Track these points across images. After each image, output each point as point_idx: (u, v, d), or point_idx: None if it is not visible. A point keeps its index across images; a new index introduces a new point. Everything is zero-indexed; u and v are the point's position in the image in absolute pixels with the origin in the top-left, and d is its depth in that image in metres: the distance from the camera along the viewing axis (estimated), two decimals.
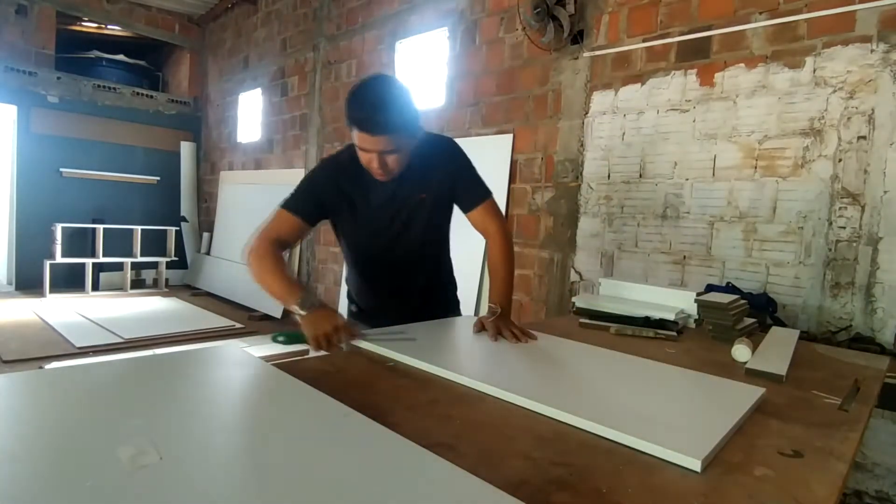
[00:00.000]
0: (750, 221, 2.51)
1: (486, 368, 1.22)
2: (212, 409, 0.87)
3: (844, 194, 2.24)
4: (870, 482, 2.12)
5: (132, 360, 1.12)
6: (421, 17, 4.27)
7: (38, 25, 6.36)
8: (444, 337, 1.50)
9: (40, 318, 4.91)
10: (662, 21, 2.81)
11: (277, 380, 0.99)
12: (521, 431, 0.85)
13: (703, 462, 0.74)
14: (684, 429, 0.85)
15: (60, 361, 3.58)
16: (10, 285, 6.33)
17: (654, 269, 2.84)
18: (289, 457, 0.69)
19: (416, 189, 1.49)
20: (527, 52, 3.44)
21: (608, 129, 3.04)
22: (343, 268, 4.88)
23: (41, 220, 6.23)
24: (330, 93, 5.24)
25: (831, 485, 0.73)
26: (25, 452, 0.66)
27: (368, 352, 1.25)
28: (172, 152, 7.46)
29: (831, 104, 2.27)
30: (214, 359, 1.15)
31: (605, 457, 0.77)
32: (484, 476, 0.64)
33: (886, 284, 2.15)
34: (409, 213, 1.51)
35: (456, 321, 1.67)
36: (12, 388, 0.89)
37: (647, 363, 1.24)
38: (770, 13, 2.43)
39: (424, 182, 1.49)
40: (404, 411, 0.90)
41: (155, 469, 0.62)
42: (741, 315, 1.69)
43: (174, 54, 7.95)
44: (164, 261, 6.92)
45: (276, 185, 5.97)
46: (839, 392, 1.14)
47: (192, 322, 5.05)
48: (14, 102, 6.19)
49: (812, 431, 0.91)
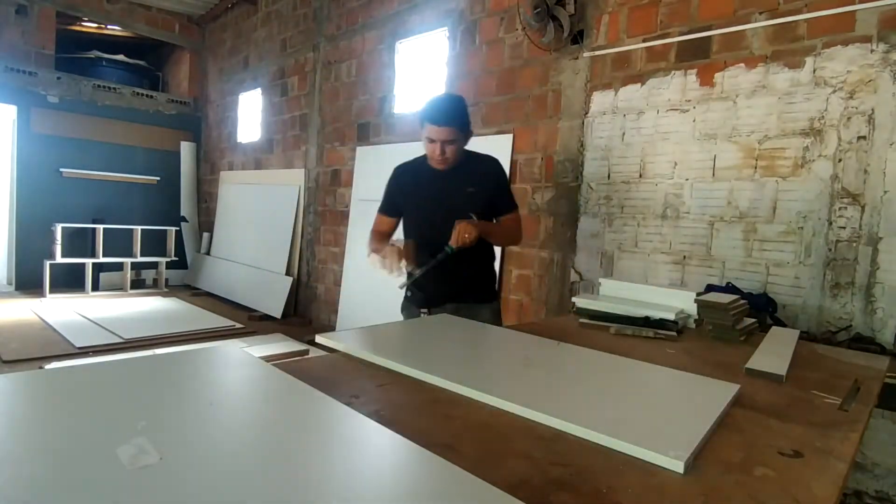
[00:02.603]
0: (750, 221, 2.51)
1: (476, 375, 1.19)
2: (212, 409, 0.87)
3: (844, 194, 2.24)
4: (870, 482, 2.12)
5: (132, 360, 1.12)
6: (421, 17, 4.27)
7: (38, 25, 6.36)
8: (435, 339, 1.49)
9: (40, 318, 4.91)
10: (662, 21, 2.81)
11: (277, 380, 0.99)
12: (520, 432, 0.85)
13: (685, 464, 0.74)
14: (666, 431, 0.85)
15: (60, 361, 3.58)
16: (10, 285, 6.33)
17: (654, 269, 2.84)
18: (288, 456, 0.69)
19: (465, 183, 1.93)
20: (527, 52, 3.44)
21: (608, 129, 3.04)
22: (343, 267, 4.88)
23: (41, 220, 6.22)
24: (330, 93, 5.24)
25: (831, 485, 0.73)
26: (25, 452, 0.66)
27: (363, 360, 1.24)
28: (172, 152, 7.46)
29: (831, 104, 2.27)
30: (214, 359, 1.15)
31: (605, 457, 0.77)
32: (484, 476, 0.64)
33: (886, 284, 2.15)
34: (456, 201, 1.91)
35: (453, 320, 1.67)
36: (12, 388, 0.89)
37: (631, 363, 1.24)
38: (770, 13, 2.43)
39: (472, 179, 1.94)
40: (405, 411, 0.90)
41: (155, 469, 0.62)
42: (741, 315, 1.69)
43: (174, 54, 7.95)
44: (164, 261, 6.92)
45: (276, 185, 5.97)
46: (839, 392, 1.14)
47: (192, 322, 5.05)
48: (14, 102, 6.19)
49: (812, 431, 0.91)
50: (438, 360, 1.19)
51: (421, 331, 1.53)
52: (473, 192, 1.93)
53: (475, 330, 1.56)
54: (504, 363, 1.26)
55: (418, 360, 1.16)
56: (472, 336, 1.50)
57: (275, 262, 5.73)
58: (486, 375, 1.13)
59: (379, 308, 4.35)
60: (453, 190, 1.94)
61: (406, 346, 1.37)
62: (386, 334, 1.48)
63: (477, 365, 1.27)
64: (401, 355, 1.19)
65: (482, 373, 1.16)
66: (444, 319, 1.68)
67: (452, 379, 1.04)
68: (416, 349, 1.35)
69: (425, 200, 1.99)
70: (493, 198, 1.98)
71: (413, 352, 1.31)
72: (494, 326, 1.67)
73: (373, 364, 1.16)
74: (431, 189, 1.97)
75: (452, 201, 1.92)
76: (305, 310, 5.48)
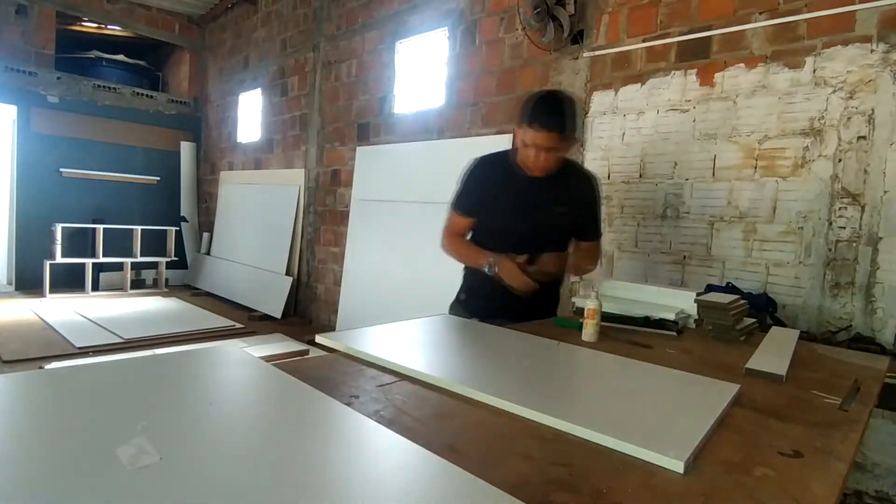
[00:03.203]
0: (750, 221, 2.51)
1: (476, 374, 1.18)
2: (212, 409, 0.87)
3: (844, 194, 2.24)
4: (870, 482, 2.12)
5: (132, 360, 1.12)
6: (421, 17, 4.27)
7: (38, 25, 6.35)
8: (435, 339, 1.49)
9: (40, 318, 4.91)
10: (662, 21, 2.81)
11: (277, 380, 0.99)
12: (520, 432, 0.85)
13: (685, 464, 0.74)
14: (666, 431, 0.86)
15: (60, 361, 3.58)
16: (10, 285, 6.33)
17: (654, 269, 2.84)
18: (288, 457, 0.69)
19: (557, 200, 1.72)
20: (527, 52, 3.44)
21: (608, 129, 3.03)
22: (343, 267, 4.89)
23: (41, 220, 6.22)
24: (330, 93, 5.24)
25: (831, 485, 0.73)
26: (25, 452, 0.66)
27: (363, 359, 1.24)
28: (172, 152, 7.46)
29: (831, 104, 2.27)
30: (214, 359, 1.15)
31: (605, 457, 0.77)
32: (484, 476, 0.64)
33: (886, 284, 2.15)
34: (543, 219, 1.72)
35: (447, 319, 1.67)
36: (12, 388, 0.89)
37: (630, 363, 1.25)
38: (770, 13, 2.43)
39: (565, 198, 1.73)
40: (405, 411, 0.90)
41: (155, 469, 0.62)
42: (741, 315, 1.69)
43: (174, 54, 7.94)
44: (164, 261, 6.92)
45: (276, 186, 5.97)
46: (839, 392, 1.14)
47: (192, 322, 5.05)
48: (14, 102, 6.19)
49: (812, 431, 0.91)
50: (439, 361, 1.19)
51: (421, 331, 1.53)
52: (563, 214, 1.73)
53: (475, 330, 1.56)
54: (504, 363, 1.26)
55: (418, 360, 1.16)
56: (472, 336, 1.50)
57: (275, 262, 5.73)
58: (486, 375, 1.13)
59: (379, 308, 4.35)
60: (543, 204, 1.72)
61: (406, 346, 1.37)
62: (386, 334, 1.48)
63: (477, 365, 1.27)
64: (401, 355, 1.19)
65: (482, 373, 1.16)
66: (445, 320, 1.68)
67: (453, 379, 1.04)
68: (416, 349, 1.35)
69: (512, 209, 1.74)
70: (582, 223, 1.80)
71: (413, 352, 1.31)
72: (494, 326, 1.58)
73: (373, 364, 1.16)
74: (520, 197, 1.72)
75: (539, 218, 1.72)
76: (305, 310, 5.48)
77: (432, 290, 2.93)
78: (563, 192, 1.72)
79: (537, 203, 1.71)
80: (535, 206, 1.71)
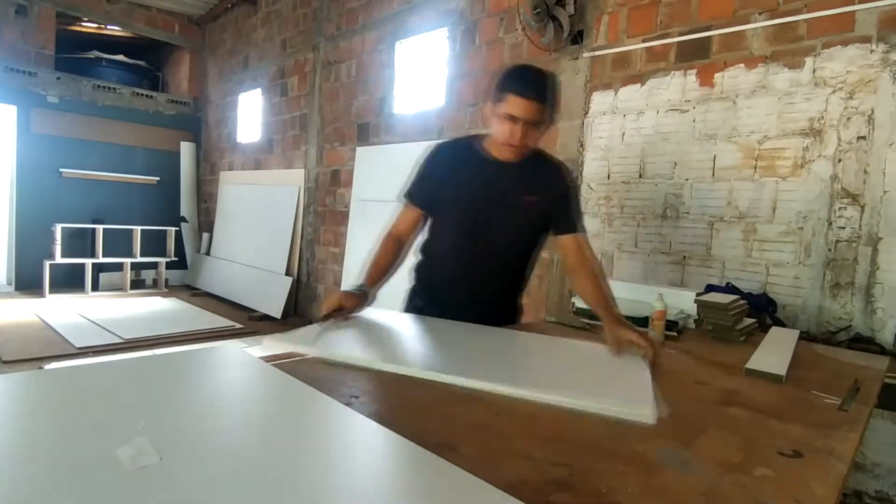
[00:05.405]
0: (750, 222, 2.51)
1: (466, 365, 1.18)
2: (211, 409, 0.87)
3: (844, 194, 2.24)
4: (870, 482, 2.12)
5: (132, 361, 1.12)
6: (421, 17, 4.27)
7: (37, 25, 6.35)
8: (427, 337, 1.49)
9: (40, 319, 4.91)
10: (662, 21, 2.81)
11: (277, 380, 0.99)
12: (520, 431, 0.85)
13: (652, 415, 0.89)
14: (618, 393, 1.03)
15: (60, 362, 3.58)
16: (10, 285, 6.33)
17: (654, 269, 2.84)
18: (288, 457, 0.69)
19: (526, 189, 1.53)
20: (527, 53, 3.44)
21: (608, 129, 3.03)
22: (343, 267, 4.89)
23: (41, 221, 6.22)
24: (330, 93, 5.24)
25: (831, 485, 0.73)
26: (25, 453, 0.66)
27: None
28: (172, 152, 7.46)
29: (831, 104, 2.27)
30: (214, 359, 1.15)
31: (605, 457, 0.77)
32: (484, 476, 0.64)
33: (886, 284, 2.15)
34: (509, 210, 1.54)
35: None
36: (12, 388, 0.89)
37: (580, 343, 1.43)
38: (770, 13, 2.43)
39: (535, 186, 1.54)
40: (405, 411, 0.90)
41: (155, 469, 0.62)
42: (741, 315, 1.69)
43: (174, 54, 7.94)
44: (164, 261, 6.91)
45: (275, 186, 5.97)
46: (839, 392, 1.14)
47: (192, 322, 5.05)
48: (14, 102, 6.18)
49: (812, 431, 0.91)
50: (435, 356, 1.19)
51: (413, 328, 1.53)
52: (532, 203, 1.54)
53: (467, 329, 1.55)
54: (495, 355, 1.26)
55: (417, 357, 1.16)
56: (464, 334, 1.49)
57: (274, 263, 5.73)
58: (474, 365, 1.13)
59: (379, 308, 4.34)
60: (510, 193, 1.53)
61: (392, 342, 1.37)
62: (376, 330, 1.48)
63: (467, 357, 1.27)
64: (401, 354, 1.19)
65: (472, 364, 1.15)
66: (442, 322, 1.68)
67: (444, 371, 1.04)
68: (416, 348, 1.35)
69: (470, 198, 1.55)
70: (556, 215, 1.58)
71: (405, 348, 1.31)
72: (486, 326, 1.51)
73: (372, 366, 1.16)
74: (480, 184, 1.53)
75: (504, 209, 1.54)
76: (305, 310, 5.47)
77: None
78: (534, 181, 1.54)
79: (505, 189, 1.52)
80: (502, 192, 1.52)
